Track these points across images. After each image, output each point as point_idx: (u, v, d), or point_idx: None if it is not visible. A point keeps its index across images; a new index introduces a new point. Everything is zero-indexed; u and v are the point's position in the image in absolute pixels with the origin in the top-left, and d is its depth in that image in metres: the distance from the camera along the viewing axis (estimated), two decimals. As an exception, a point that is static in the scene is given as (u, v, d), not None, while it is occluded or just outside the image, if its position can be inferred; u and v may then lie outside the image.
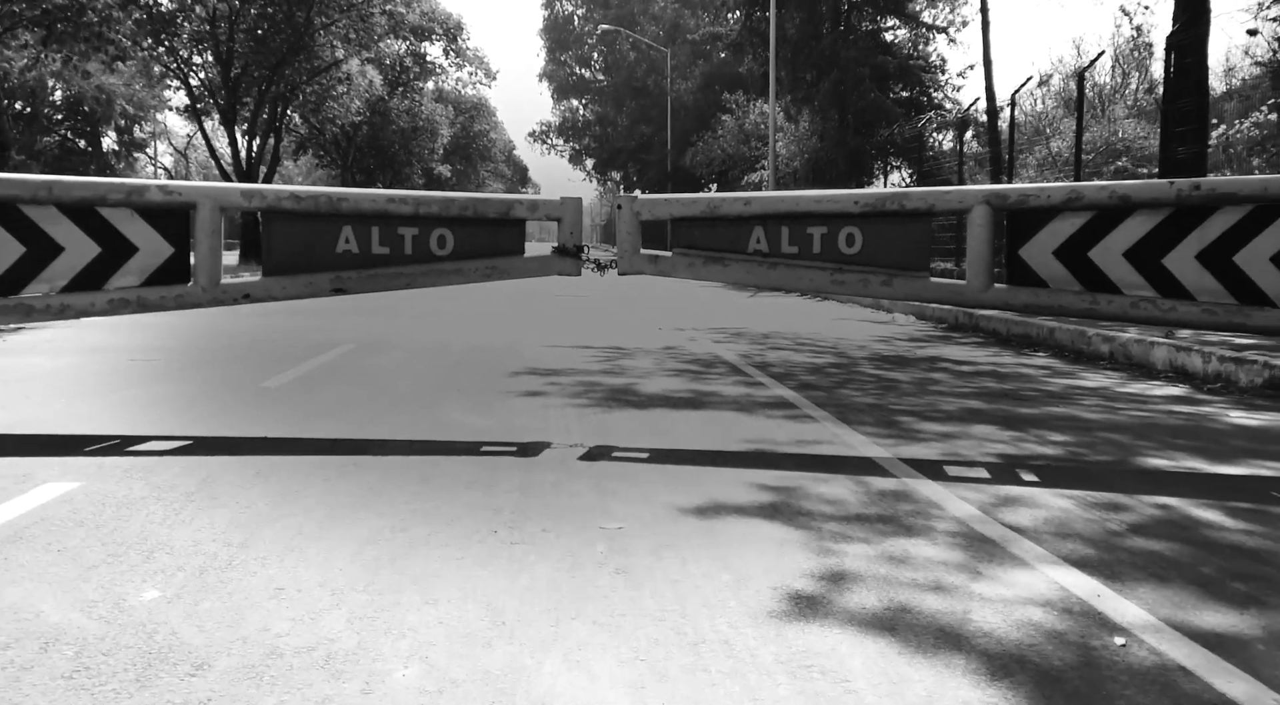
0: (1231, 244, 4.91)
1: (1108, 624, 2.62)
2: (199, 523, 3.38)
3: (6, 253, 4.88)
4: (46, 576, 2.81)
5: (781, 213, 5.31)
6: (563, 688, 2.18)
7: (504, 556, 3.10)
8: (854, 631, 2.54)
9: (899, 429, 5.42)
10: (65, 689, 2.12)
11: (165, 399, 5.96)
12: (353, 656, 2.32)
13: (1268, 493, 4.16)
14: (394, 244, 5.31)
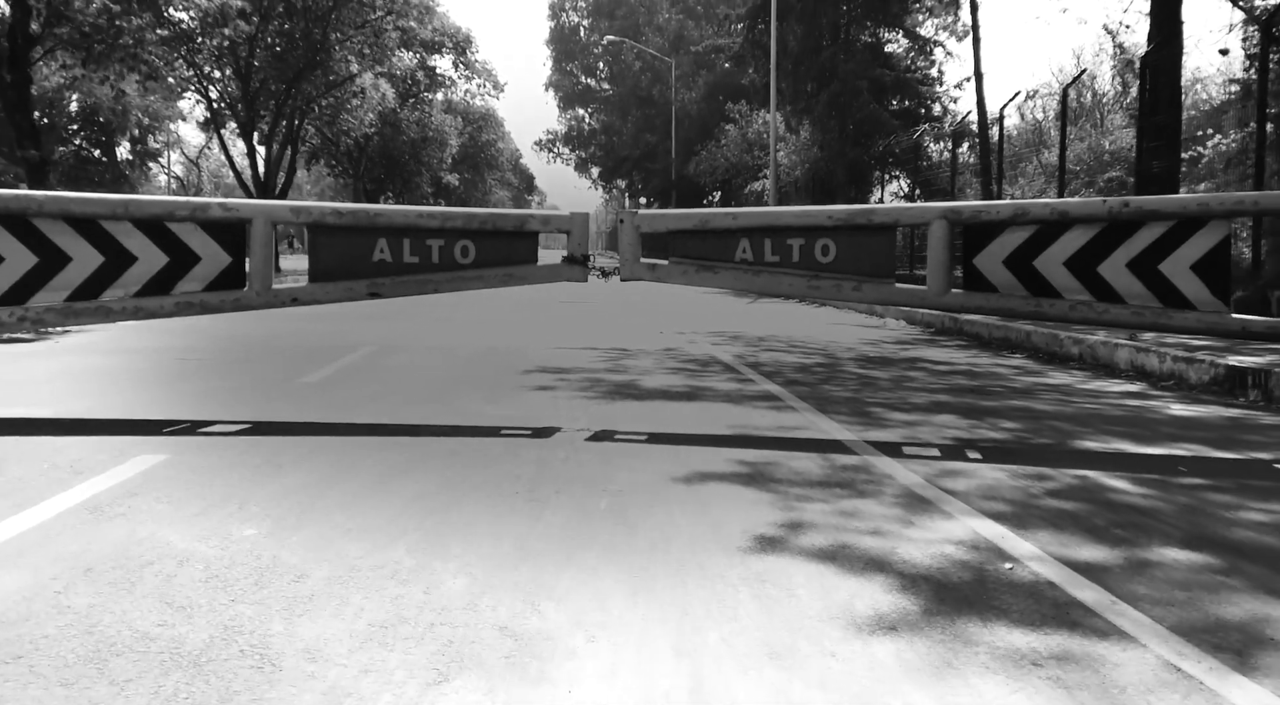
0: (1157, 254, 5.62)
1: (1004, 555, 3.32)
2: (273, 485, 4.09)
3: (88, 262, 5.61)
4: (165, 519, 3.53)
5: (765, 226, 6.03)
6: (575, 594, 2.89)
7: (525, 509, 3.81)
8: (802, 560, 3.25)
9: (869, 418, 6.12)
10: (205, 588, 2.83)
11: (218, 391, 6.68)
12: (414, 572, 3.03)
13: (1175, 468, 4.85)
14: (423, 254, 6.03)
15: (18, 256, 5.53)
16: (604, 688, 2.27)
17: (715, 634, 2.60)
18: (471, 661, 2.38)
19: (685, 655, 2.46)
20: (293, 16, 22.28)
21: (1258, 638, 2.63)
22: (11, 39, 12.51)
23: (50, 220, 5.55)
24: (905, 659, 2.45)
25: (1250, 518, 3.89)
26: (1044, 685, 2.32)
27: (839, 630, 2.63)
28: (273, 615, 2.64)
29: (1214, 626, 2.70)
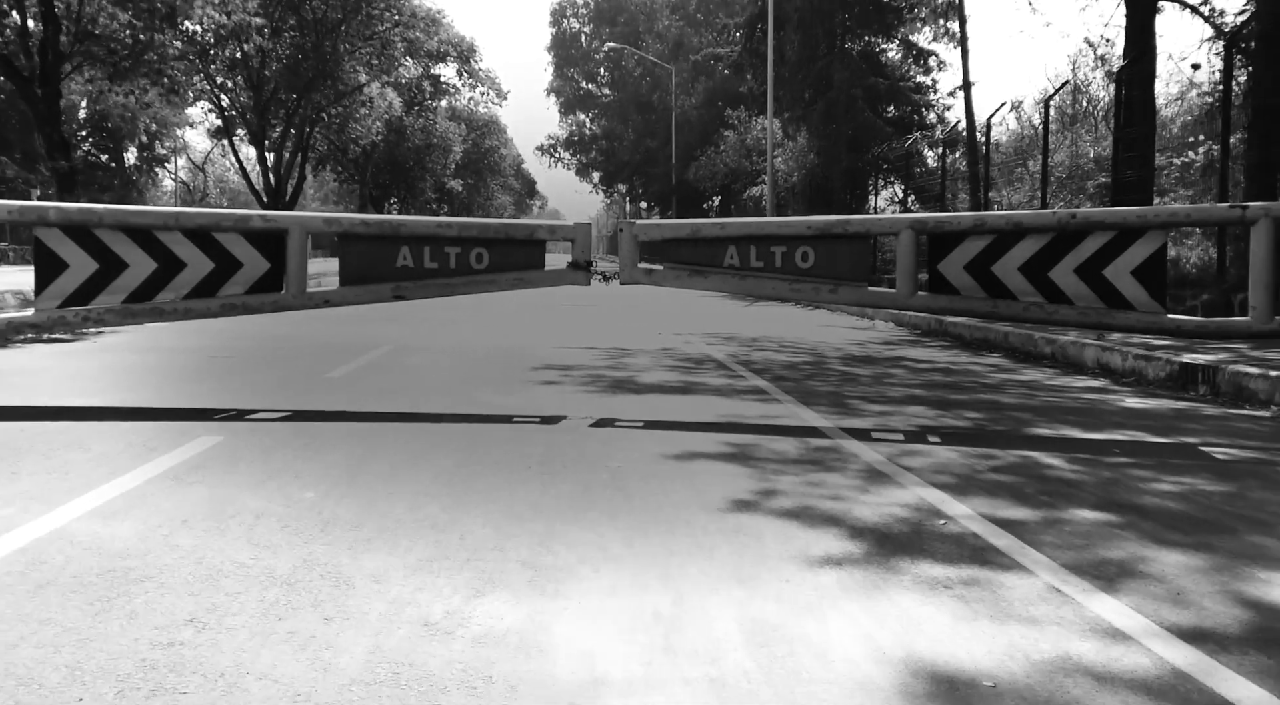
0: (1101, 261, 6.27)
1: (940, 514, 3.96)
2: (320, 460, 4.74)
3: (143, 268, 6.26)
4: (235, 485, 4.18)
5: (750, 235, 6.68)
6: (581, 541, 3.53)
7: (537, 480, 4.45)
8: (771, 518, 3.89)
9: (846, 408, 6.76)
10: (282, 534, 3.48)
11: (253, 385, 7.32)
12: (449, 524, 3.68)
13: (1110, 450, 5.49)
14: (441, 260, 6.68)
15: (81, 263, 6.18)
16: (606, 601, 2.91)
17: (694, 568, 3.24)
18: (501, 584, 3.02)
19: (669, 581, 3.10)
20: (304, 30, 23.02)
21: (1130, 571, 3.27)
22: (42, 56, 13.16)
23: (110, 230, 6.20)
24: (844, 584, 3.10)
25: (1160, 488, 4.53)
26: (950, 600, 2.96)
27: (794, 565, 3.27)
28: (340, 552, 3.29)
29: (1098, 563, 3.34)
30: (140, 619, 2.66)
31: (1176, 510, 4.11)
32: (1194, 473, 4.85)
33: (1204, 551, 3.50)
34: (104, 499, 3.91)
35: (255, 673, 2.35)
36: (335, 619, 2.70)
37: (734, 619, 2.77)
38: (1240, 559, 3.42)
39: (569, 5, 69.81)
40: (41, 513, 3.69)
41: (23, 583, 2.96)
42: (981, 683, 2.38)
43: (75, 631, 2.58)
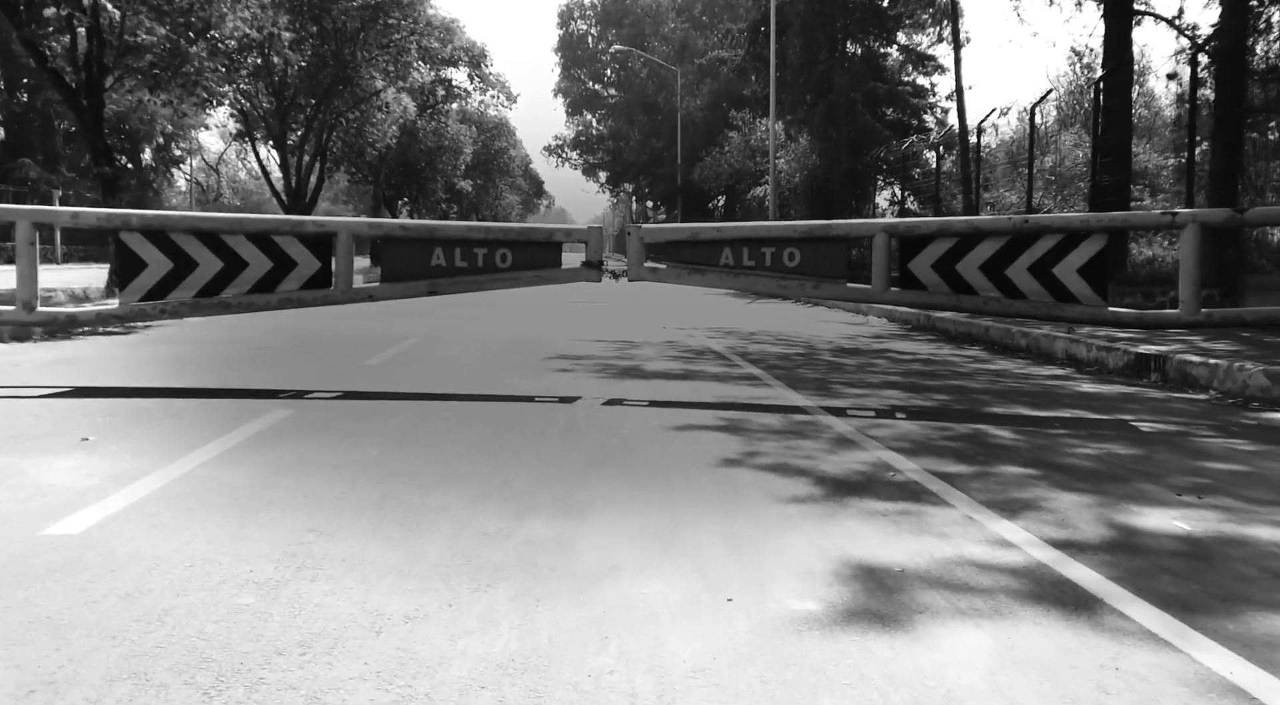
0: (1051, 260, 7.14)
1: (891, 469, 4.84)
2: (376, 429, 5.63)
3: (211, 267, 7.17)
4: (313, 446, 5.07)
5: (743, 237, 7.56)
6: (597, 486, 4.41)
7: (560, 444, 5.34)
8: (753, 471, 4.77)
9: (829, 391, 7.63)
10: (361, 479, 4.37)
11: (301, 371, 8.22)
12: (491, 474, 4.56)
13: (1051, 424, 6.36)
14: (470, 259, 7.57)
15: (158, 262, 7.09)
16: (619, 523, 3.79)
17: (688, 503, 4.12)
18: (538, 512, 3.91)
19: (667, 510, 3.98)
20: (325, 39, 23.95)
21: (1032, 506, 4.15)
22: (87, 69, 14.08)
23: (182, 234, 7.11)
24: (804, 513, 3.98)
25: (1082, 452, 5.40)
26: (883, 523, 3.84)
27: (768, 501, 4.16)
28: (409, 491, 4.18)
29: (1008, 501, 4.22)
30: (274, 528, 3.56)
31: (1088, 467, 4.98)
32: (1116, 441, 5.72)
33: (1096, 494, 4.38)
34: (211, 455, 4.81)
35: (366, 560, 3.24)
36: (417, 530, 3.59)
37: (717, 535, 3.65)
38: (1123, 499, 4.29)
39: (576, 7, 70.69)
40: (167, 462, 4.59)
41: (178, 505, 3.86)
42: (893, 569, 3.26)
43: (230, 535, 3.48)
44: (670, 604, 2.88)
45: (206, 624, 2.65)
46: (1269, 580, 3.21)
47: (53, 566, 3.10)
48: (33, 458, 4.67)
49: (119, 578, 3.01)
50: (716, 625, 2.73)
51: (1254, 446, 5.62)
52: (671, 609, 2.85)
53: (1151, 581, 3.16)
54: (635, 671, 2.41)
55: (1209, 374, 7.93)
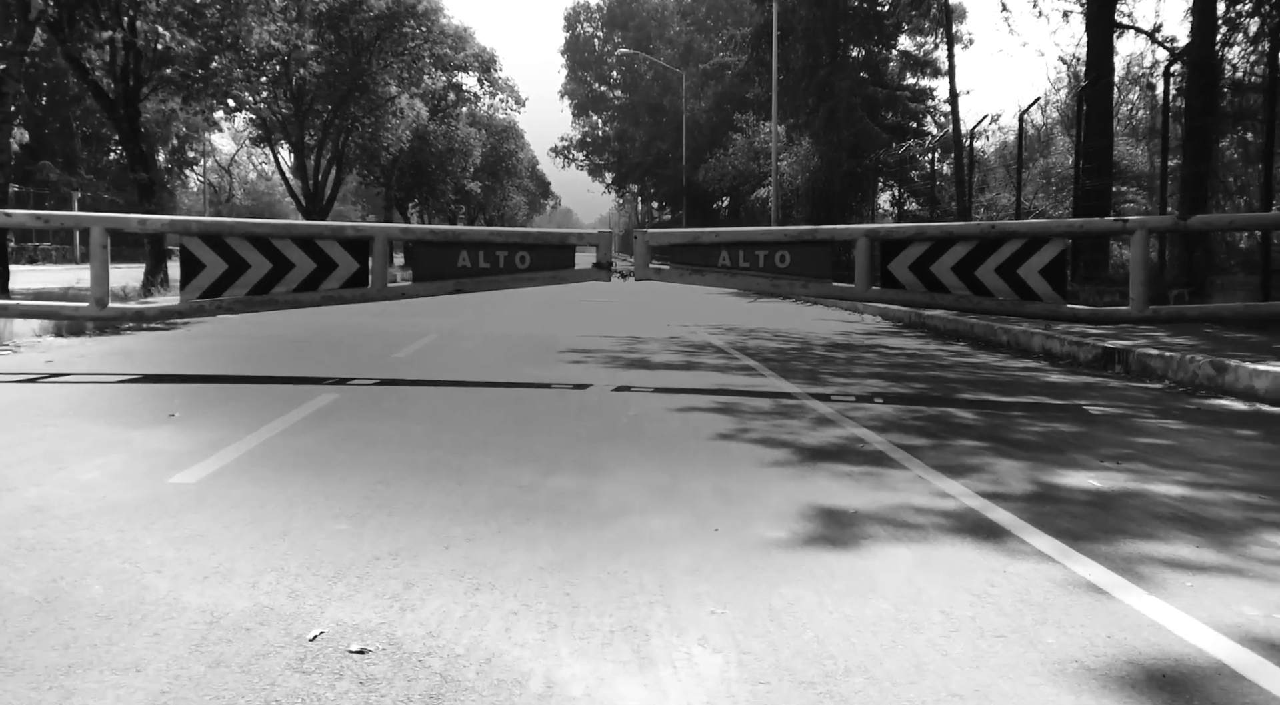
0: (1016, 262, 7.93)
1: (862, 441, 5.63)
2: (415, 409, 6.45)
3: (261, 267, 7.99)
4: (365, 421, 5.89)
5: (739, 241, 8.36)
6: (610, 454, 5.21)
7: (575, 422, 6.15)
8: (742, 443, 5.57)
9: (817, 381, 8.43)
10: (412, 446, 5.19)
11: (339, 362, 9.03)
12: (519, 444, 5.37)
13: (1013, 409, 7.15)
14: (493, 261, 8.39)
15: (214, 263, 7.92)
16: (628, 479, 4.59)
17: (686, 466, 4.93)
18: (562, 472, 4.72)
19: (668, 471, 4.79)
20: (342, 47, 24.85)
21: (975, 469, 4.95)
22: (124, 81, 14.94)
23: (237, 238, 7.93)
24: (783, 473, 4.79)
25: (1032, 429, 6.20)
26: (848, 480, 4.64)
27: (753, 465, 4.96)
28: (452, 456, 5.00)
29: (956, 465, 5.02)
30: (349, 482, 4.38)
31: (1033, 441, 5.78)
32: (1064, 421, 6.52)
33: (1032, 461, 5.18)
34: (280, 429, 5.64)
35: (428, 503, 4.05)
36: (464, 484, 4.40)
37: (709, 488, 4.46)
38: (1055, 465, 5.09)
39: (582, 10, 71.56)
40: (246, 433, 5.41)
41: (266, 465, 4.68)
42: (848, 511, 4.06)
43: (315, 485, 4.29)
44: (670, 533, 3.69)
45: (318, 539, 3.47)
46: (1148, 519, 4.01)
47: (187, 504, 3.93)
48: (134, 429, 5.50)
49: (240, 511, 3.84)
50: (704, 546, 3.54)
51: (1184, 426, 6.42)
52: (671, 536, 3.65)
53: (1054, 520, 3.96)
54: (642, 572, 3.22)
55: (1164, 365, 8.72)
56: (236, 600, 2.87)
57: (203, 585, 2.99)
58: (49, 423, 5.74)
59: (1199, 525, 3.92)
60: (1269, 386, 7.40)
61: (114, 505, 3.92)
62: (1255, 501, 4.34)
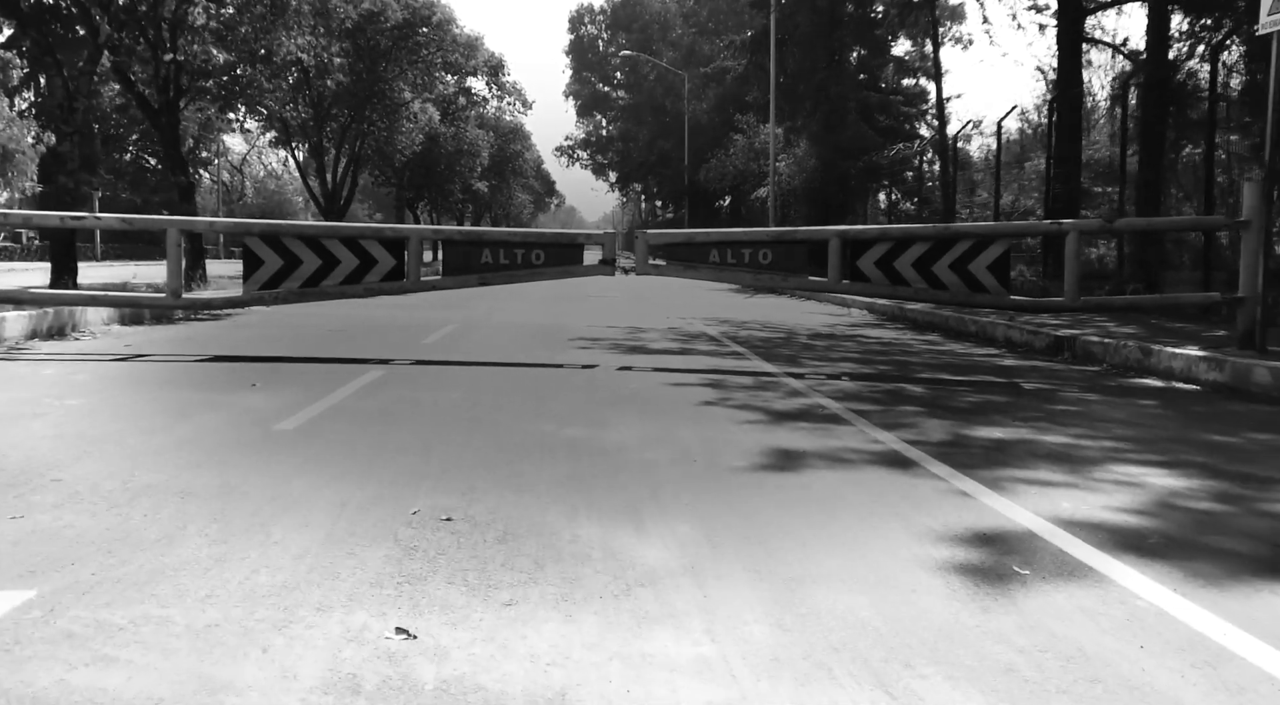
0: (966, 259, 9.13)
1: (823, 407, 6.84)
2: (451, 383, 7.66)
3: (312, 263, 9.20)
4: (409, 391, 7.11)
5: (727, 240, 9.57)
6: (616, 417, 6.42)
7: (585, 393, 7.36)
8: (724, 408, 6.78)
9: (796, 363, 9.63)
10: (457, 407, 6.40)
11: (376, 346, 10.24)
12: (539, 408, 6.59)
13: (958, 385, 8.34)
14: (511, 258, 9.59)
15: (272, 260, 9.14)
16: (628, 430, 5.80)
17: (676, 422, 6.13)
18: (575, 425, 5.93)
19: (661, 425, 5.99)
20: (360, 56, 26.17)
21: (908, 425, 6.15)
22: (164, 92, 16.20)
23: (291, 238, 9.15)
24: (753, 427, 5.99)
25: (968, 399, 7.40)
26: (803, 433, 5.85)
27: (730, 423, 6.17)
28: (486, 414, 6.21)
29: (894, 424, 6.22)
30: (408, 431, 5.59)
31: (964, 408, 6.98)
32: (998, 394, 7.72)
33: (957, 421, 6.38)
34: (344, 395, 6.86)
35: (473, 445, 5.26)
36: (499, 432, 5.62)
37: (694, 436, 5.67)
38: (974, 423, 6.29)
39: (586, 12, 72.75)
40: (318, 398, 6.63)
41: (342, 419, 5.90)
42: (798, 451, 5.27)
43: (387, 434, 5.50)
44: (659, 462, 4.91)
45: (400, 461, 4.69)
46: (1028, 457, 5.22)
47: (295, 442, 5.15)
48: (228, 394, 6.72)
49: (336, 447, 5.06)
50: (685, 470, 4.75)
51: (1099, 397, 7.62)
52: (660, 464, 4.87)
53: (955, 457, 5.17)
54: (638, 483, 4.43)
55: (1103, 351, 9.93)
56: (356, 493, 4.09)
57: (328, 487, 4.21)
58: (157, 389, 6.97)
59: (1065, 460, 5.13)
60: (1182, 367, 8.60)
61: (243, 440, 5.16)
62: (1121, 447, 5.55)
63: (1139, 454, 5.34)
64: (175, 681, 2.32)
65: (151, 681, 2.31)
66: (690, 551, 3.44)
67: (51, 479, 4.23)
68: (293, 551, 3.32)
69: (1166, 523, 3.92)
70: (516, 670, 2.43)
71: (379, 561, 3.23)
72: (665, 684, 2.37)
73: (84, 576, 3.02)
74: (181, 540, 3.43)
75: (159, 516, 3.72)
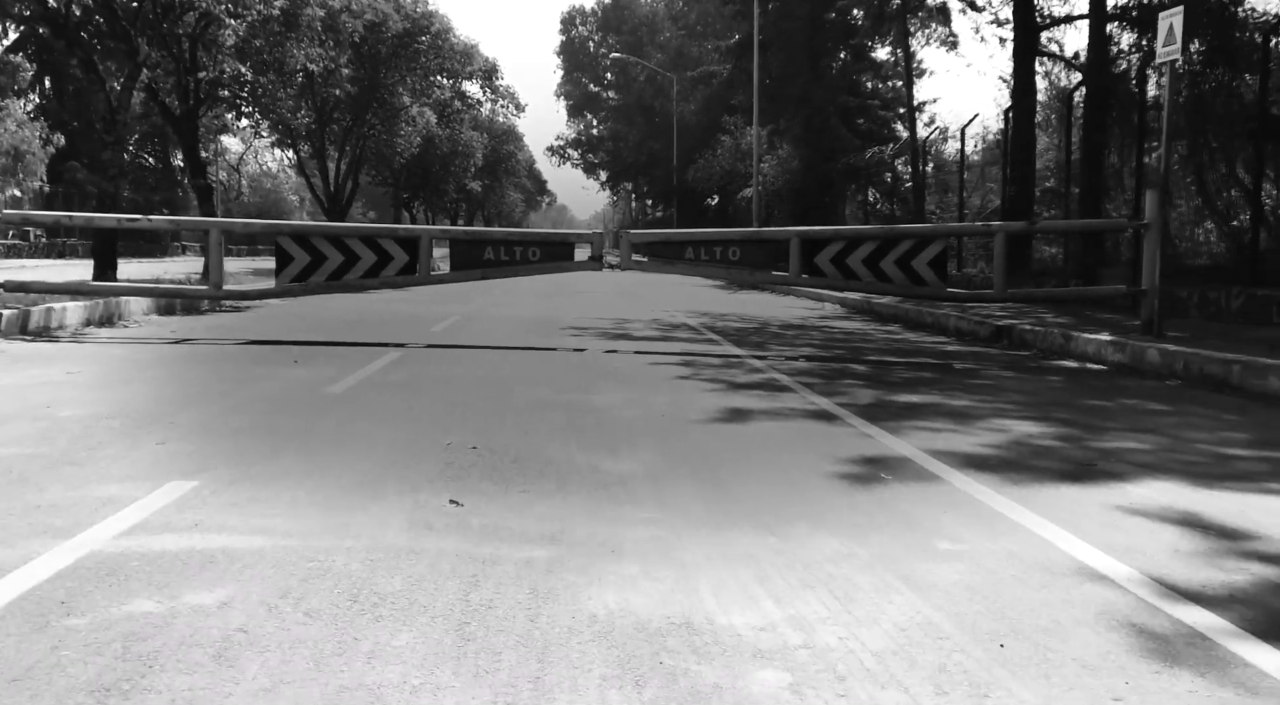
0: (909, 256, 10.44)
1: (778, 381, 8.15)
2: (461, 362, 8.94)
3: (336, 259, 10.47)
4: (430, 367, 8.39)
5: (701, 240, 10.87)
6: (603, 388, 7.71)
7: (576, 372, 8.64)
8: (695, 381, 8.07)
9: (762, 347, 10.93)
10: (483, 383, 7.69)
11: (391, 333, 11.49)
12: (540, 381, 7.87)
13: (897, 366, 9.65)
14: (510, 255, 10.87)
15: (300, 256, 10.40)
16: (614, 395, 7.08)
17: (652, 391, 7.42)
18: (569, 392, 7.21)
19: (639, 392, 7.29)
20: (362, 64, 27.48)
21: (842, 393, 7.45)
22: (185, 101, 17.46)
23: (317, 237, 10.41)
24: (715, 394, 7.28)
25: (902, 376, 8.71)
26: (756, 397, 7.14)
27: (697, 391, 7.46)
28: (494, 384, 7.49)
29: (832, 391, 7.53)
30: (433, 398, 6.88)
31: (896, 381, 8.30)
32: (930, 372, 9.04)
33: (885, 390, 7.69)
34: (371, 371, 8.13)
35: (490, 410, 6.54)
36: (507, 395, 6.90)
37: (665, 400, 6.95)
38: (898, 392, 7.60)
39: (578, 13, 74.00)
40: (350, 372, 7.89)
41: (375, 389, 7.18)
42: (748, 409, 6.56)
43: (414, 401, 6.78)
44: (634, 418, 6.19)
45: (429, 413, 5.97)
46: (932, 414, 6.52)
47: (343, 401, 6.44)
48: (276, 368, 8.00)
49: (377, 406, 6.34)
50: (654, 423, 6.04)
51: (1014, 375, 8.94)
52: (635, 419, 6.16)
53: (873, 414, 6.46)
54: (617, 431, 5.72)
55: (1035, 337, 11.26)
56: (401, 433, 5.39)
57: (379, 429, 5.49)
58: (215, 365, 8.25)
59: (958, 416, 6.44)
60: (1094, 350, 9.93)
61: (304, 400, 6.45)
62: (1008, 408, 6.87)
63: (1020, 412, 6.66)
64: (310, 526, 3.60)
65: (295, 527, 3.59)
66: (651, 467, 4.74)
67: (169, 422, 5.51)
68: (366, 463, 4.61)
69: (1010, 453, 5.24)
70: (530, 522, 3.73)
71: (429, 468, 4.52)
72: (628, 532, 3.67)
73: (224, 475, 4.30)
74: (284, 456, 4.72)
75: (259, 444, 5.00)
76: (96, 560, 3.16)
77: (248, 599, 2.85)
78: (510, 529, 3.62)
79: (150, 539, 3.40)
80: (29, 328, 9.91)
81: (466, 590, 2.98)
